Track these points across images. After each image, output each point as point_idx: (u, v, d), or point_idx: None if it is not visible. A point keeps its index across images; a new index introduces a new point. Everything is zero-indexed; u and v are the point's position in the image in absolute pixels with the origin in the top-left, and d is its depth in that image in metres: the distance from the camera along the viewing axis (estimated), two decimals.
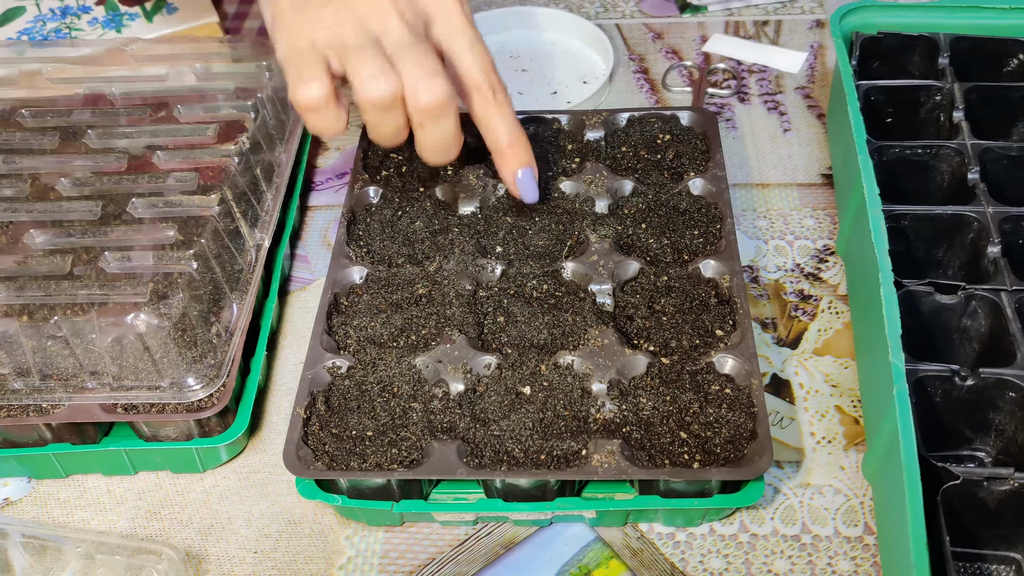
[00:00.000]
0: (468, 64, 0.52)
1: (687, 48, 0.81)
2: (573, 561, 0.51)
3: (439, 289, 0.56)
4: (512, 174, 0.55)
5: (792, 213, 0.67)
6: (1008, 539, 0.47)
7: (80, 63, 0.67)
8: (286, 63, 0.51)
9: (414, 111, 0.51)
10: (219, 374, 0.52)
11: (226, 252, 0.56)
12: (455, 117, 0.52)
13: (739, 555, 0.50)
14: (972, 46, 0.67)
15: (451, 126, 0.52)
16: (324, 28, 0.50)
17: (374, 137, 0.53)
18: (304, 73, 0.50)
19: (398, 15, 0.50)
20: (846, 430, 0.55)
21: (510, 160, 0.55)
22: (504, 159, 0.55)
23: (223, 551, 0.52)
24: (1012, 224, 0.56)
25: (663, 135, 0.65)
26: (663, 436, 0.49)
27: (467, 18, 0.53)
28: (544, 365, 0.52)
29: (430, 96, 0.50)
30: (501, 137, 0.54)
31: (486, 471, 0.48)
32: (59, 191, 0.57)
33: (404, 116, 0.52)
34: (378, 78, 0.49)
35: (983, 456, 0.51)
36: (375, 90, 0.50)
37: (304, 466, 0.48)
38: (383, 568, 0.51)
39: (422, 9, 0.52)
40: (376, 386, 0.52)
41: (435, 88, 0.50)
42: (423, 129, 0.52)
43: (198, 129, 0.61)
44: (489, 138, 0.55)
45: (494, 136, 0.54)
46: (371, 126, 0.53)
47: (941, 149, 0.61)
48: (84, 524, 0.54)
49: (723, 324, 0.54)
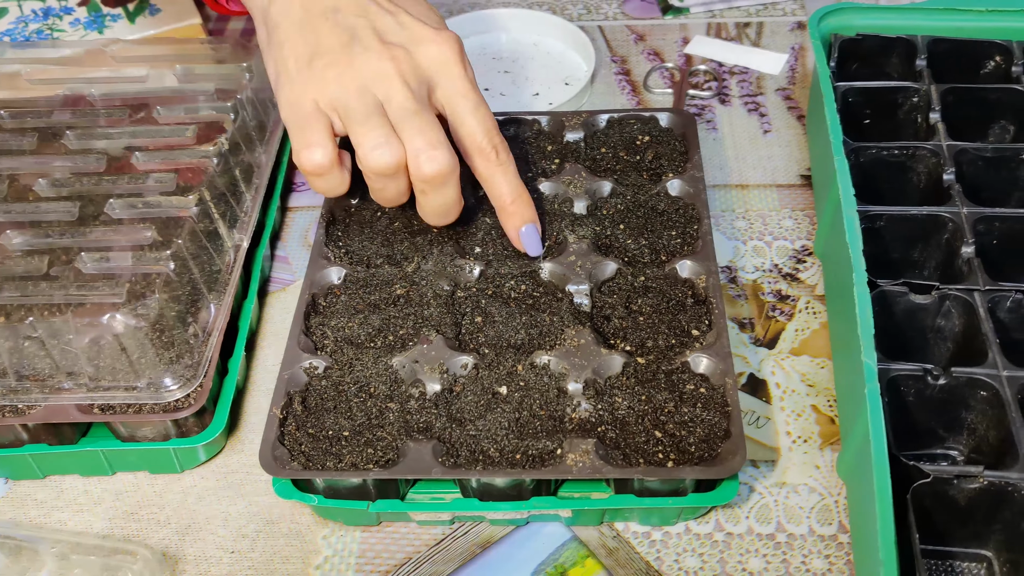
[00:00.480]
0: (471, 128, 0.53)
1: (669, 50, 0.82)
2: (549, 560, 0.51)
3: (417, 290, 0.57)
4: (516, 230, 0.56)
5: (771, 214, 0.68)
6: (979, 536, 0.48)
7: (60, 64, 0.67)
8: (290, 124, 0.52)
9: (417, 180, 0.52)
10: (196, 374, 0.52)
11: (204, 253, 0.56)
12: (456, 185, 0.53)
13: (714, 554, 0.51)
14: (950, 48, 0.67)
15: (452, 193, 0.53)
16: (328, 90, 0.51)
17: (377, 199, 0.55)
18: (309, 138, 0.51)
19: (402, 81, 0.51)
20: (822, 429, 0.56)
21: (514, 217, 0.56)
22: (508, 216, 0.56)
23: (200, 551, 0.52)
24: (986, 225, 0.56)
25: (642, 136, 0.65)
26: (638, 435, 0.49)
27: (470, 82, 0.53)
28: (521, 365, 0.52)
29: (432, 167, 0.51)
30: (504, 195, 0.55)
31: (461, 471, 0.48)
32: (37, 192, 0.57)
33: (407, 182, 0.53)
34: (382, 148, 0.50)
35: (956, 455, 0.52)
36: (379, 160, 0.51)
37: (280, 466, 0.49)
38: (360, 568, 0.51)
39: (426, 74, 0.52)
40: (353, 386, 0.52)
41: (437, 159, 0.51)
42: (425, 196, 0.53)
43: (177, 130, 0.61)
44: (493, 196, 0.56)
45: (498, 194, 0.55)
46: (374, 191, 0.54)
47: (917, 150, 0.61)
48: (61, 525, 0.54)
49: (699, 324, 0.54)
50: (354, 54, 0.51)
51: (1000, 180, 0.60)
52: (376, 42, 0.52)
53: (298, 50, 0.52)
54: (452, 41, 0.53)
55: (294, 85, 0.52)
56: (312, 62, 0.51)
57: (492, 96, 0.77)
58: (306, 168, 0.52)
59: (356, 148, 0.51)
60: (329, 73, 0.51)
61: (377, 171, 0.51)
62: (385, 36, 0.52)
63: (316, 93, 0.51)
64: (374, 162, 0.51)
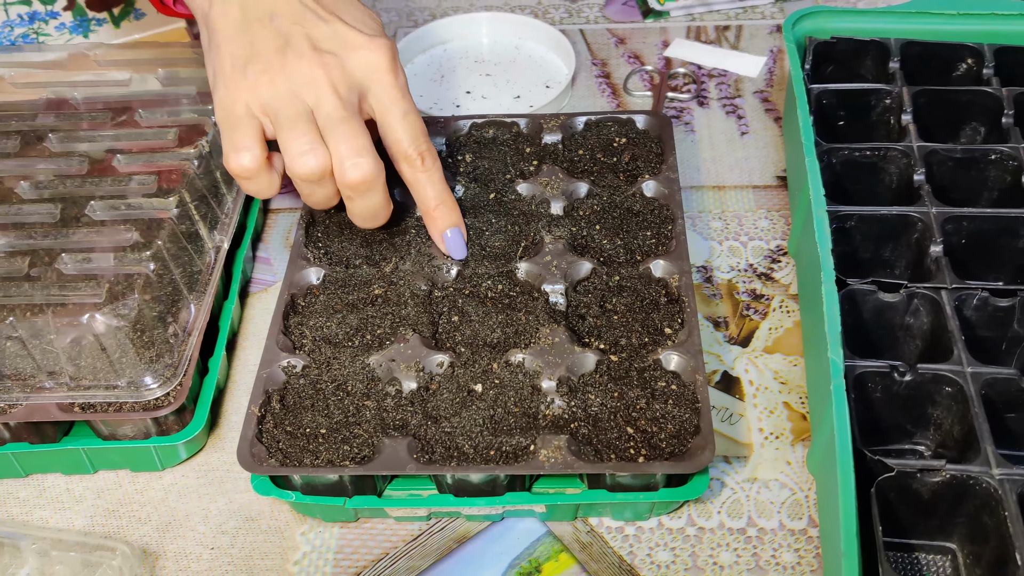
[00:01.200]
0: (399, 135, 0.55)
1: (649, 53, 0.83)
2: (524, 555, 0.52)
3: (395, 289, 0.57)
4: (440, 234, 0.58)
5: (747, 214, 0.69)
6: (943, 529, 0.49)
7: (44, 68, 0.68)
8: (222, 126, 0.54)
9: (342, 186, 0.54)
10: (176, 373, 0.53)
11: (185, 254, 0.57)
12: (382, 191, 0.55)
13: (686, 548, 0.52)
14: (922, 51, 0.68)
15: (378, 198, 0.55)
16: (260, 94, 0.52)
17: (306, 202, 0.56)
18: (238, 141, 0.52)
19: (331, 88, 0.52)
20: (793, 426, 0.57)
21: (438, 221, 0.58)
22: (432, 220, 0.58)
23: (180, 548, 0.53)
24: (954, 224, 0.57)
25: (619, 138, 0.66)
26: (610, 431, 0.50)
27: (400, 89, 0.55)
28: (496, 363, 0.53)
29: (356, 173, 0.52)
30: (429, 200, 0.57)
31: (436, 467, 0.49)
32: (19, 194, 0.58)
33: (334, 187, 0.54)
34: (308, 154, 0.52)
35: (923, 450, 0.53)
36: (304, 166, 0.52)
37: (258, 463, 0.49)
38: (338, 563, 0.52)
39: (357, 81, 0.54)
40: (330, 384, 0.53)
41: (361, 167, 0.52)
42: (352, 201, 0.55)
43: (159, 133, 0.62)
44: (418, 201, 0.57)
45: (423, 199, 0.57)
46: (303, 195, 0.55)
47: (889, 151, 0.62)
48: (43, 523, 0.54)
49: (671, 322, 0.55)
50: (287, 60, 0.52)
51: (969, 180, 0.61)
52: (309, 49, 0.53)
53: (234, 53, 0.53)
54: (385, 48, 0.54)
55: (228, 88, 0.53)
56: (246, 66, 0.53)
57: (474, 99, 0.78)
58: (234, 171, 0.53)
59: (283, 153, 0.53)
60: (262, 78, 0.52)
61: (303, 176, 0.53)
62: (319, 43, 0.53)
63: (248, 97, 0.52)
64: (300, 168, 0.52)
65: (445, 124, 0.67)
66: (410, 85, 0.69)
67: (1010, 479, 0.45)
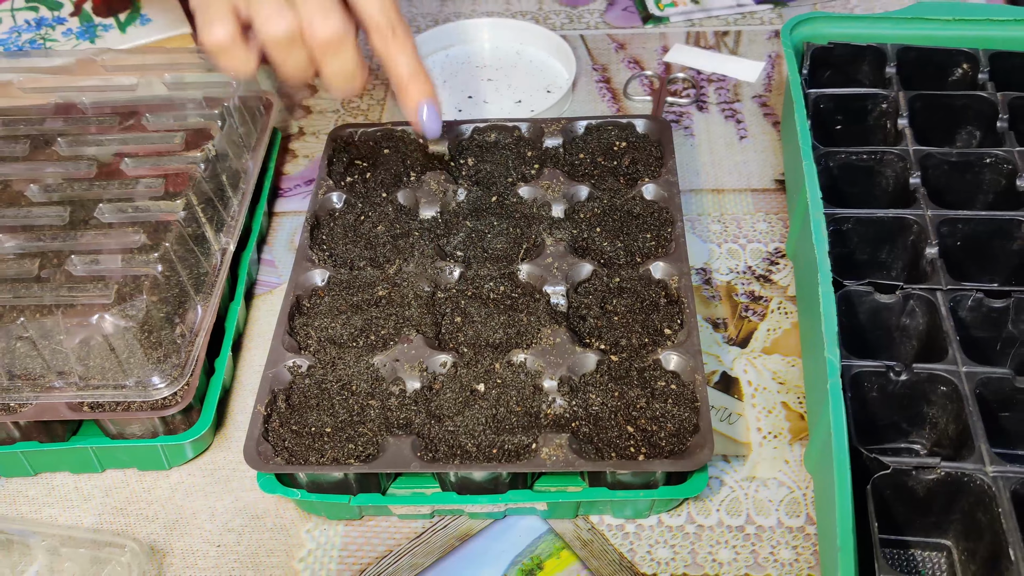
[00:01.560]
0: (367, 5, 0.55)
1: (649, 58, 0.84)
2: (526, 552, 0.53)
3: (399, 291, 0.58)
4: (414, 108, 0.57)
5: (746, 217, 0.69)
6: (939, 526, 0.49)
7: (52, 73, 0.69)
8: (197, 9, 0.54)
9: (313, 46, 0.53)
10: (183, 373, 0.54)
11: (191, 256, 0.58)
12: (354, 49, 0.54)
13: (685, 545, 0.52)
14: (918, 56, 0.69)
15: (351, 58, 0.54)
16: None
17: (282, 75, 0.56)
18: (212, 16, 0.53)
19: None
20: (791, 425, 0.57)
21: (412, 93, 0.57)
22: (406, 92, 0.57)
23: (187, 545, 0.54)
24: (949, 227, 0.58)
25: (619, 142, 0.67)
26: (610, 430, 0.51)
27: None
28: (498, 363, 0.54)
29: (325, 30, 0.53)
30: (402, 73, 0.56)
31: (440, 464, 0.50)
32: (29, 197, 0.59)
33: (305, 52, 0.54)
34: (276, 17, 0.52)
35: (919, 448, 0.54)
36: (274, 28, 0.52)
37: (264, 461, 0.50)
38: (342, 560, 0.53)
39: None
40: (335, 384, 0.54)
41: (330, 23, 0.52)
42: (324, 63, 0.55)
43: (166, 137, 0.63)
44: (391, 74, 0.57)
45: (395, 72, 0.56)
46: (277, 64, 0.55)
47: (885, 155, 0.63)
48: (52, 520, 0.55)
49: (671, 323, 0.56)
50: None
51: (964, 183, 0.62)
52: None
53: None
54: None
55: None
56: None
57: (476, 103, 0.79)
58: (209, 44, 0.53)
59: (253, 21, 0.53)
60: None
61: (273, 38, 0.53)
62: None
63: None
64: (270, 30, 0.53)
65: (448, 128, 0.68)
66: None
67: (1003, 476, 0.46)
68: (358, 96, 0.73)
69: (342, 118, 0.80)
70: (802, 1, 0.88)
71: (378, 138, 0.69)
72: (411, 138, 0.69)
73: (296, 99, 0.82)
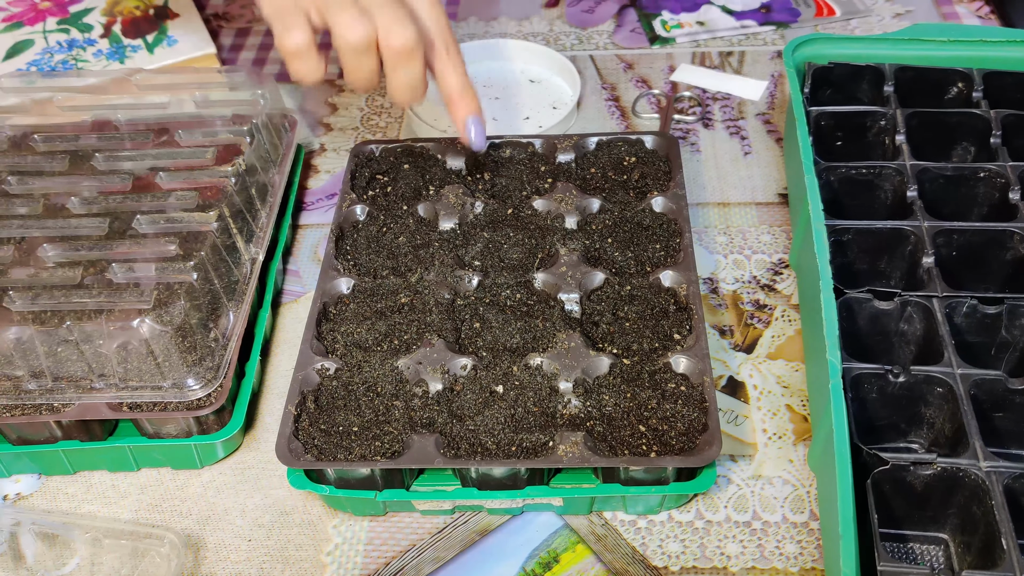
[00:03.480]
0: (427, 24, 0.59)
1: (656, 77, 0.87)
2: (543, 546, 0.55)
3: (420, 298, 0.61)
4: (462, 121, 0.62)
5: (750, 230, 0.72)
6: (936, 520, 0.52)
7: (87, 92, 0.72)
8: (272, 18, 0.57)
9: (387, 53, 0.57)
10: (217, 376, 0.57)
11: (223, 265, 0.61)
12: (422, 61, 0.58)
13: (695, 539, 0.55)
14: (915, 75, 0.72)
15: (419, 69, 0.58)
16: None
17: (351, 82, 0.59)
18: (289, 23, 0.56)
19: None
20: (795, 427, 0.60)
21: (460, 107, 0.61)
22: (455, 106, 0.62)
23: (220, 539, 0.56)
24: (944, 237, 0.61)
25: (629, 157, 0.70)
26: (623, 429, 0.54)
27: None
28: (516, 366, 0.57)
29: (400, 39, 0.56)
30: (453, 87, 0.61)
31: (461, 461, 0.52)
32: (69, 209, 0.62)
33: (377, 60, 0.58)
34: (354, 24, 0.56)
35: (917, 448, 0.56)
36: (352, 34, 0.56)
37: (295, 457, 0.53)
38: (367, 554, 0.55)
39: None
40: (361, 386, 0.56)
41: (406, 33, 0.56)
42: (395, 71, 0.58)
43: (197, 152, 0.66)
44: (442, 88, 0.61)
45: (446, 86, 0.61)
46: (349, 71, 0.58)
47: (883, 169, 0.66)
48: (91, 516, 0.58)
49: (680, 329, 0.59)
50: None
51: (959, 196, 0.65)
52: None
53: None
54: None
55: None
56: None
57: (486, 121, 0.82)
58: (287, 49, 0.57)
59: (332, 28, 0.56)
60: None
61: (352, 45, 0.56)
62: None
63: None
64: (348, 36, 0.56)
65: (464, 144, 0.71)
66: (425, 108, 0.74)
67: (996, 471, 0.49)
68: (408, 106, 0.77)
69: (362, 135, 0.83)
70: (803, 23, 0.92)
71: (398, 154, 0.72)
72: (430, 154, 0.72)
73: (318, 116, 0.85)
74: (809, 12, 0.93)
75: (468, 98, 0.61)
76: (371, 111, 0.85)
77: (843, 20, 0.92)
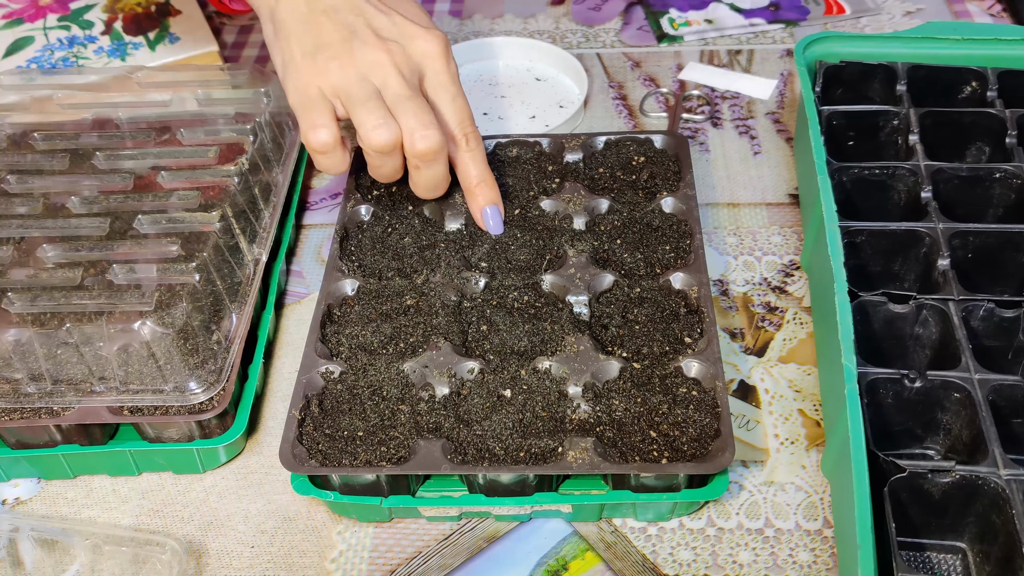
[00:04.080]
0: (447, 116, 0.61)
1: (664, 76, 0.86)
2: (551, 554, 0.54)
3: (426, 300, 0.60)
4: (479, 209, 0.63)
5: (761, 231, 0.71)
6: (954, 529, 0.51)
7: (88, 89, 0.71)
8: (298, 107, 0.58)
9: (411, 156, 0.59)
10: (219, 379, 0.56)
11: (226, 266, 0.60)
12: (445, 162, 0.60)
13: (706, 547, 0.54)
14: (928, 74, 0.71)
15: (442, 168, 0.60)
16: (331, 79, 0.58)
17: (374, 175, 0.61)
18: (316, 120, 0.57)
19: (396, 70, 0.58)
20: (808, 432, 0.59)
21: (478, 197, 0.63)
22: (473, 196, 0.63)
23: (222, 546, 0.55)
24: (960, 239, 0.60)
25: (638, 157, 0.69)
26: (634, 435, 0.53)
27: (452, 75, 0.61)
28: (524, 370, 0.56)
29: (425, 144, 0.57)
30: (472, 177, 0.62)
31: (469, 467, 0.51)
32: (69, 209, 0.61)
33: (401, 159, 0.59)
34: (380, 128, 0.57)
35: (933, 454, 0.55)
36: (378, 139, 0.57)
37: (299, 463, 0.52)
38: (373, 561, 0.54)
39: (416, 65, 0.60)
40: (367, 390, 0.55)
41: (429, 138, 0.57)
42: (418, 171, 0.60)
43: (200, 151, 0.65)
44: (462, 178, 0.63)
45: (466, 176, 0.62)
46: (373, 168, 0.60)
47: (897, 170, 0.65)
48: (92, 521, 0.57)
49: (691, 332, 0.58)
50: (354, 47, 0.58)
51: (974, 197, 0.64)
52: (373, 37, 0.58)
53: (304, 43, 0.58)
54: (439, 39, 0.60)
55: (300, 74, 0.58)
56: (316, 54, 0.58)
57: (491, 119, 0.81)
58: (313, 146, 0.58)
59: (358, 128, 0.57)
60: (332, 64, 0.58)
61: (377, 148, 0.57)
62: (380, 32, 0.59)
63: (320, 81, 0.58)
64: (375, 139, 0.57)
65: None
66: None
67: (1017, 479, 0.48)
68: None
69: None
70: (813, 21, 0.90)
71: None
72: None
73: None
74: (818, 10, 0.92)
75: (486, 188, 0.62)
76: None
77: (853, 18, 0.91)
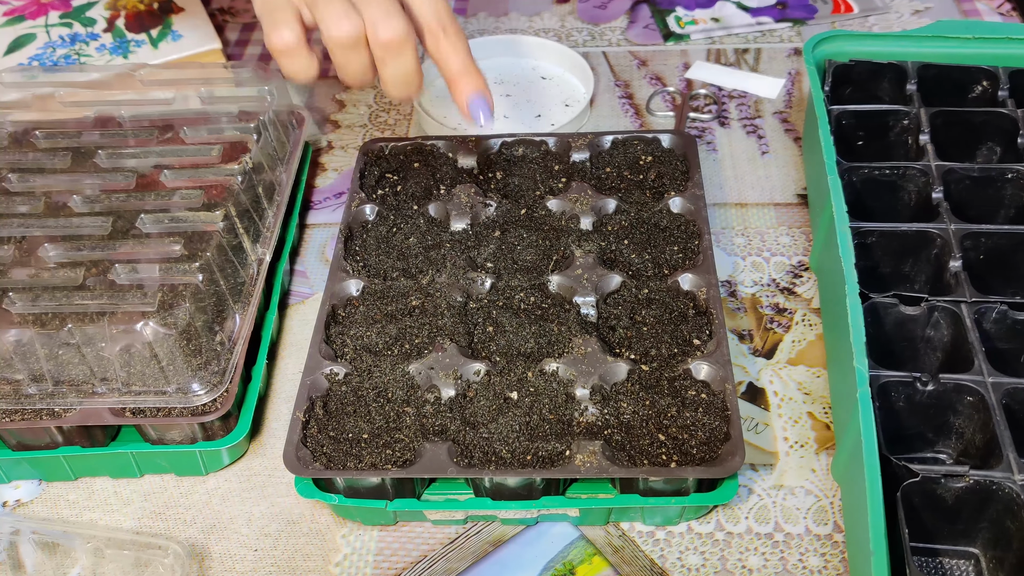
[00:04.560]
0: (422, 7, 0.57)
1: (670, 74, 0.85)
2: (558, 558, 0.54)
3: (431, 301, 0.59)
4: (464, 101, 0.59)
5: (769, 231, 0.71)
6: (967, 534, 0.50)
7: (90, 87, 0.70)
8: (262, 12, 0.56)
9: (376, 47, 0.55)
10: (222, 380, 0.55)
11: (229, 265, 0.59)
12: (414, 53, 0.56)
13: (715, 552, 0.53)
14: (938, 73, 0.71)
15: (410, 61, 0.56)
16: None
17: (343, 77, 0.57)
18: (278, 19, 0.55)
19: None
20: (817, 435, 0.58)
21: (463, 87, 0.58)
22: (457, 87, 0.59)
23: (225, 549, 0.55)
24: (972, 240, 0.59)
25: (645, 157, 0.69)
26: (642, 438, 0.52)
27: None
28: (530, 372, 0.55)
29: (389, 32, 0.54)
30: (453, 69, 0.58)
31: (475, 470, 0.51)
32: (71, 208, 0.60)
33: (368, 55, 0.56)
34: (342, 19, 0.54)
35: (945, 458, 0.54)
36: (339, 30, 0.54)
37: (303, 466, 0.51)
38: (378, 565, 0.54)
39: None
40: (371, 391, 0.55)
41: (394, 25, 0.54)
42: (385, 65, 0.56)
43: (203, 149, 0.64)
44: (443, 72, 0.59)
45: (446, 69, 0.58)
46: (339, 66, 0.57)
47: (907, 170, 0.64)
48: (93, 524, 0.56)
49: (700, 334, 0.57)
50: None
51: (986, 198, 0.63)
52: None
53: None
54: None
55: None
56: None
57: (497, 118, 0.80)
58: (276, 47, 0.55)
59: (320, 24, 0.55)
60: None
61: (339, 41, 0.55)
62: None
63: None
64: (336, 32, 0.54)
65: (476, 143, 0.70)
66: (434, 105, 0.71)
67: None
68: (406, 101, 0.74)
69: (370, 133, 0.81)
70: (820, 19, 0.90)
71: (408, 152, 0.70)
72: (440, 152, 0.70)
73: (326, 113, 0.83)
74: (826, 9, 0.91)
75: (469, 77, 0.58)
76: (379, 108, 0.84)
77: (861, 17, 0.90)
